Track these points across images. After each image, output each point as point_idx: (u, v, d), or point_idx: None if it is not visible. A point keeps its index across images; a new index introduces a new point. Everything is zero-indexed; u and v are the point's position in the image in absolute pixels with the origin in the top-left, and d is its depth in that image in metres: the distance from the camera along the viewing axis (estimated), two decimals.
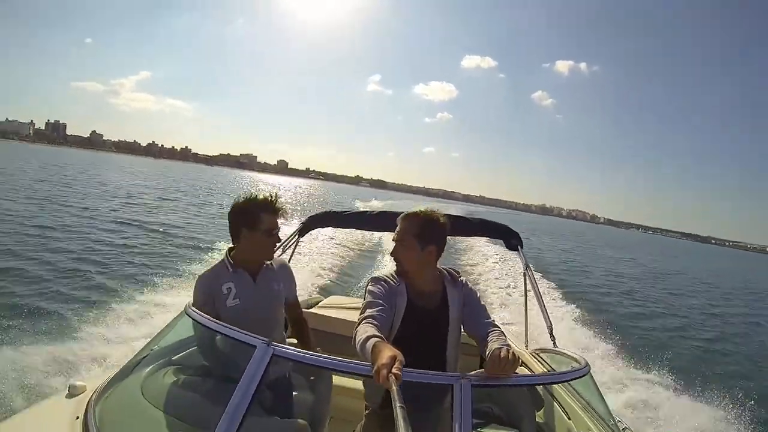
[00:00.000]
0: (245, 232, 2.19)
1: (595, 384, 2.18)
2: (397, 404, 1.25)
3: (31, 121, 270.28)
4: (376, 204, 47.55)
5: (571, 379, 1.97)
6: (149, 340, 2.34)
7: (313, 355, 1.60)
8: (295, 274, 2.47)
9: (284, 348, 1.60)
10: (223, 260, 2.24)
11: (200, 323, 1.88)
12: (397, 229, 2.10)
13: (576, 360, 2.20)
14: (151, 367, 2.06)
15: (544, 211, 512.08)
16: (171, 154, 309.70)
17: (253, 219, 2.18)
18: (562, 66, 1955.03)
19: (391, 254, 2.13)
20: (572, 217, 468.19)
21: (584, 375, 1.93)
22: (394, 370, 1.39)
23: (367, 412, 2.09)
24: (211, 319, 1.85)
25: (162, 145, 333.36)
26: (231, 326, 1.75)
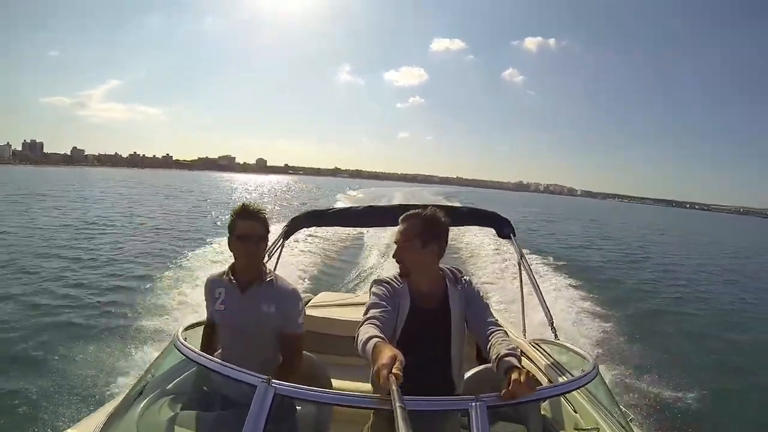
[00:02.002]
0: (230, 242, 2.20)
1: (602, 378, 2.13)
2: (397, 404, 1.25)
3: (8, 142, 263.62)
4: (351, 194, 47.88)
5: (584, 385, 1.91)
6: (140, 375, 2.23)
7: (317, 391, 1.54)
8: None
9: (286, 386, 1.52)
10: (228, 267, 2.25)
11: (190, 359, 1.81)
12: (398, 230, 2.07)
13: (580, 355, 2.19)
14: (145, 402, 1.98)
15: (521, 187, 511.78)
16: (153, 163, 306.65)
17: (232, 225, 2.18)
18: (531, 43, 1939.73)
19: (393, 256, 2.09)
20: (549, 192, 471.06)
21: (594, 377, 1.88)
22: (394, 371, 1.38)
23: (375, 410, 1.99)
24: (201, 353, 1.79)
25: (143, 155, 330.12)
26: (226, 363, 1.67)
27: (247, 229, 2.18)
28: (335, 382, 2.47)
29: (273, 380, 1.53)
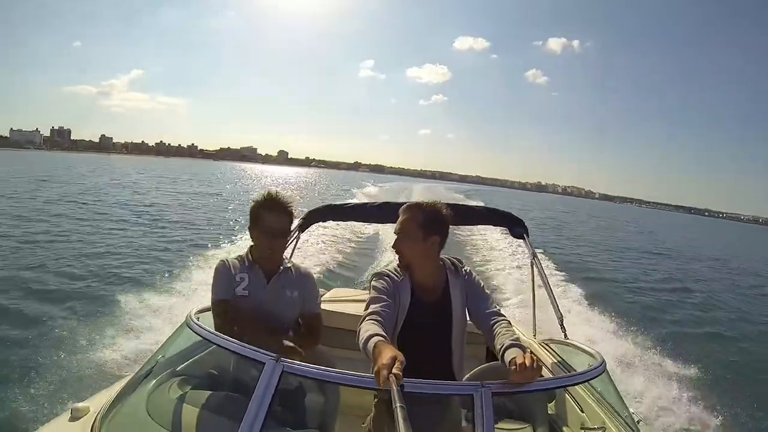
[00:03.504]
0: (253, 232, 2.15)
1: (610, 377, 2.08)
2: (398, 404, 1.24)
3: (36, 128, 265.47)
4: (371, 190, 46.89)
5: (590, 379, 1.87)
6: (153, 353, 2.23)
7: (323, 370, 1.54)
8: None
9: (293, 364, 1.53)
10: (242, 254, 2.18)
11: (204, 338, 1.80)
12: (398, 220, 2.01)
13: (589, 353, 2.12)
14: (154, 381, 1.98)
15: (539, 188, 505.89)
16: (178, 152, 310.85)
17: (256, 217, 2.12)
18: (555, 44, 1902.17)
19: (393, 247, 2.05)
20: (567, 194, 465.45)
21: (602, 373, 1.84)
22: (394, 371, 1.38)
23: (376, 401, 2.01)
24: (215, 332, 1.77)
25: (169, 144, 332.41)
26: (237, 341, 1.66)
27: (275, 223, 2.13)
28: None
29: (282, 358, 1.53)
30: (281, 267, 2.22)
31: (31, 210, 16.79)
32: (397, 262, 2.08)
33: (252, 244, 2.21)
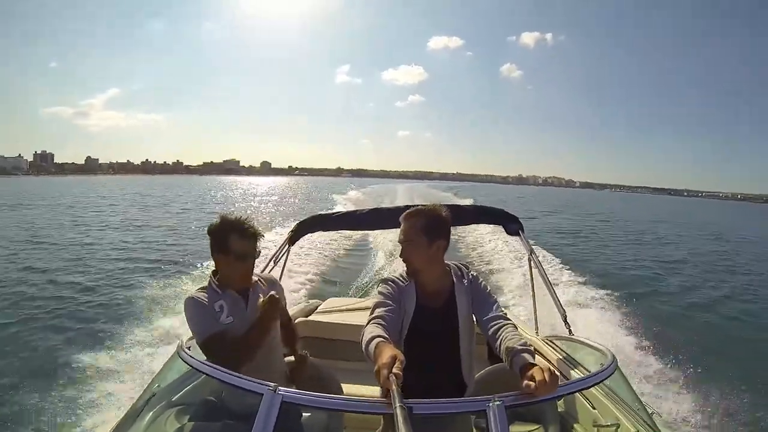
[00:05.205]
0: (219, 257, 2.03)
1: (621, 372, 2.00)
2: (397, 404, 1.23)
3: (19, 154, 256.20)
4: (353, 194, 46.07)
5: (604, 380, 1.77)
6: (145, 386, 2.15)
7: (324, 397, 1.47)
8: (286, 284, 2.39)
9: (293, 393, 1.45)
10: (208, 283, 2.07)
11: (196, 369, 1.72)
12: (402, 228, 1.99)
13: (598, 350, 2.06)
14: (150, 414, 1.89)
15: (520, 181, 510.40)
16: (164, 169, 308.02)
17: (224, 242, 2.01)
18: (528, 38, 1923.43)
19: (400, 255, 2.02)
20: (548, 184, 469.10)
21: (614, 372, 1.77)
22: (394, 370, 1.36)
23: (384, 415, 1.90)
24: (209, 364, 1.69)
25: (155, 161, 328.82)
26: (232, 372, 1.58)
27: (246, 248, 2.06)
28: (345, 387, 2.41)
29: (279, 388, 1.45)
30: (252, 282, 2.17)
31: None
32: (405, 269, 2.04)
33: (214, 270, 2.12)
